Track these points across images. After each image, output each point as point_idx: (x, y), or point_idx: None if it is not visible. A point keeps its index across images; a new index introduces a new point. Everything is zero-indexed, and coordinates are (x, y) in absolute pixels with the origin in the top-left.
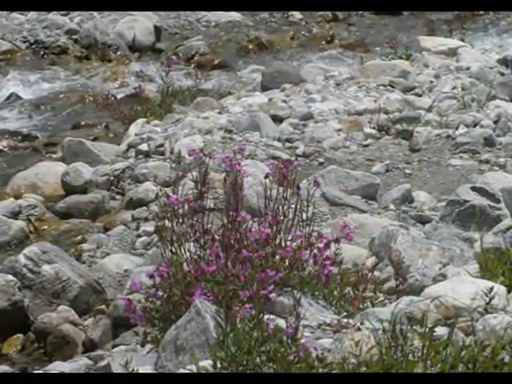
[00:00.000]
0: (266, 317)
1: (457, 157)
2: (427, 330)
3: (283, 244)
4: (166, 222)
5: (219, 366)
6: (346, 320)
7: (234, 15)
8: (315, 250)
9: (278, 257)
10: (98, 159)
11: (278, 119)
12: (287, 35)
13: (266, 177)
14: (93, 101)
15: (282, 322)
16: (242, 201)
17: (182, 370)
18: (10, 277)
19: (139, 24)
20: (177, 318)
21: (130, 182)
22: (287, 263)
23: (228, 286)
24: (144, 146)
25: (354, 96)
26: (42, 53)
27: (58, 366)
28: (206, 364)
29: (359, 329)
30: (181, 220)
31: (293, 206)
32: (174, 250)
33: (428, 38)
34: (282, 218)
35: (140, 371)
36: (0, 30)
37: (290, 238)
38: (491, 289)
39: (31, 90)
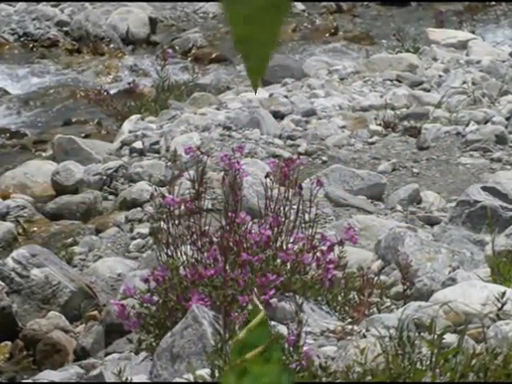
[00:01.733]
0: None
1: (467, 155)
2: (436, 337)
3: (284, 247)
4: (162, 223)
5: (217, 374)
6: (350, 326)
7: None
8: (318, 253)
9: (279, 260)
10: (89, 157)
11: (279, 116)
12: (289, 27)
13: (267, 176)
14: (84, 96)
15: (283, 329)
16: (242, 201)
17: (178, 379)
18: None
19: (133, 15)
20: (173, 324)
21: (123, 182)
22: (289, 267)
23: (226, 291)
24: (138, 144)
25: (359, 91)
26: (31, 46)
27: (47, 375)
28: (204, 373)
29: (364, 336)
30: (177, 221)
31: (294, 206)
32: (169, 252)
33: (437, 30)
34: (283, 219)
35: (134, 380)
36: None
37: (291, 241)
38: (503, 294)
39: (20, 84)
